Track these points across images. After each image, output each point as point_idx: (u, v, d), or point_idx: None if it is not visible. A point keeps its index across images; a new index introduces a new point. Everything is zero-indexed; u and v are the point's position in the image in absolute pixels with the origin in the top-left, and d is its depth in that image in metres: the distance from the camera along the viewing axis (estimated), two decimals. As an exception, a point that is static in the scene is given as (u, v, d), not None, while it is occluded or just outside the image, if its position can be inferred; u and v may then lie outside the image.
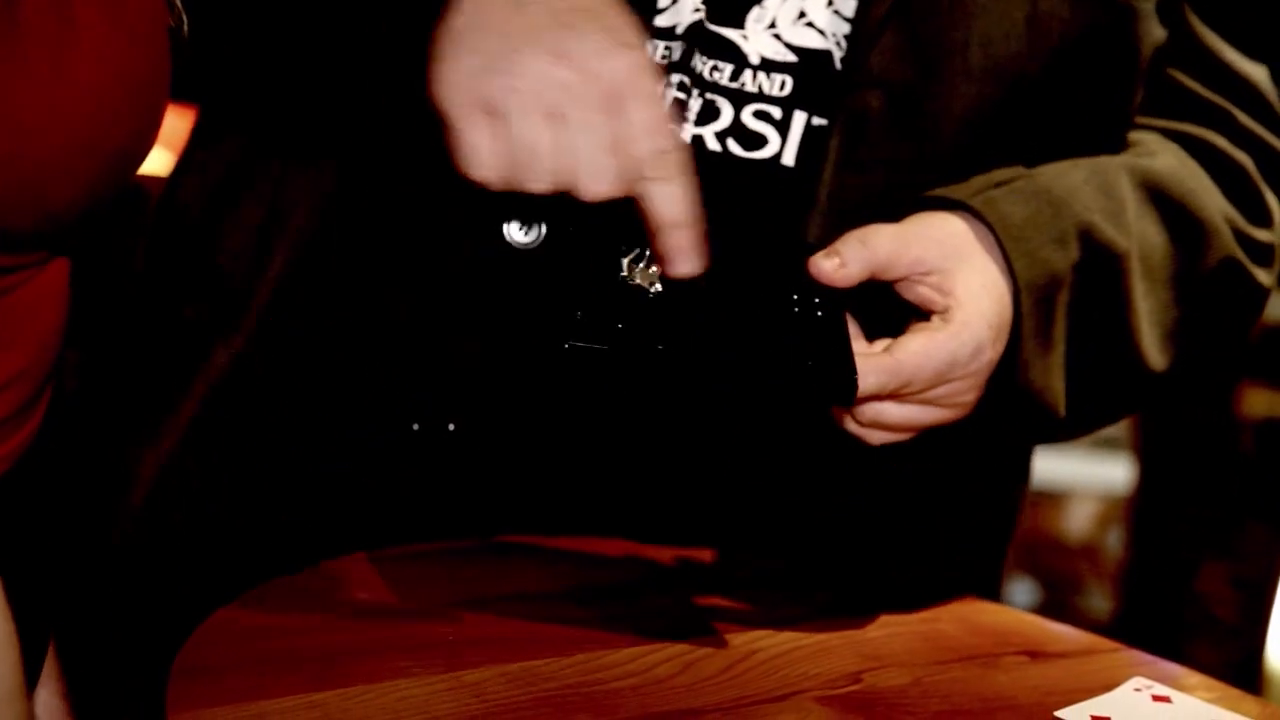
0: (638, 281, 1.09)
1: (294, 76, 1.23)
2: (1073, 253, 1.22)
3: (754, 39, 1.27)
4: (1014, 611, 1.33)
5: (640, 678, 1.06)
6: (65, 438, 1.21)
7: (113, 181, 1.02)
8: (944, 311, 1.16)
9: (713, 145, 1.27)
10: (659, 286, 1.09)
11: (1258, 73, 1.38)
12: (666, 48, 1.27)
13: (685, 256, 1.07)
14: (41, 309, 1.07)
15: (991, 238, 1.19)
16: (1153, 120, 1.37)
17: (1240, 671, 3.09)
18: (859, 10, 1.25)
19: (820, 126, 1.26)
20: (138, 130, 1.02)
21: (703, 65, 1.27)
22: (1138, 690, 1.11)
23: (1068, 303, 1.21)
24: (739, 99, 1.27)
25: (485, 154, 1.05)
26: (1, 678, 0.84)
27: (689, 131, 1.27)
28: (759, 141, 1.27)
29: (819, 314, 1.12)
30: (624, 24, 1.06)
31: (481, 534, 1.21)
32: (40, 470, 1.14)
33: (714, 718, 1.02)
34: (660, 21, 1.28)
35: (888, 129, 1.25)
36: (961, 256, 1.17)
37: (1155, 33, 1.32)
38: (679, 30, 1.27)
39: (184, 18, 1.09)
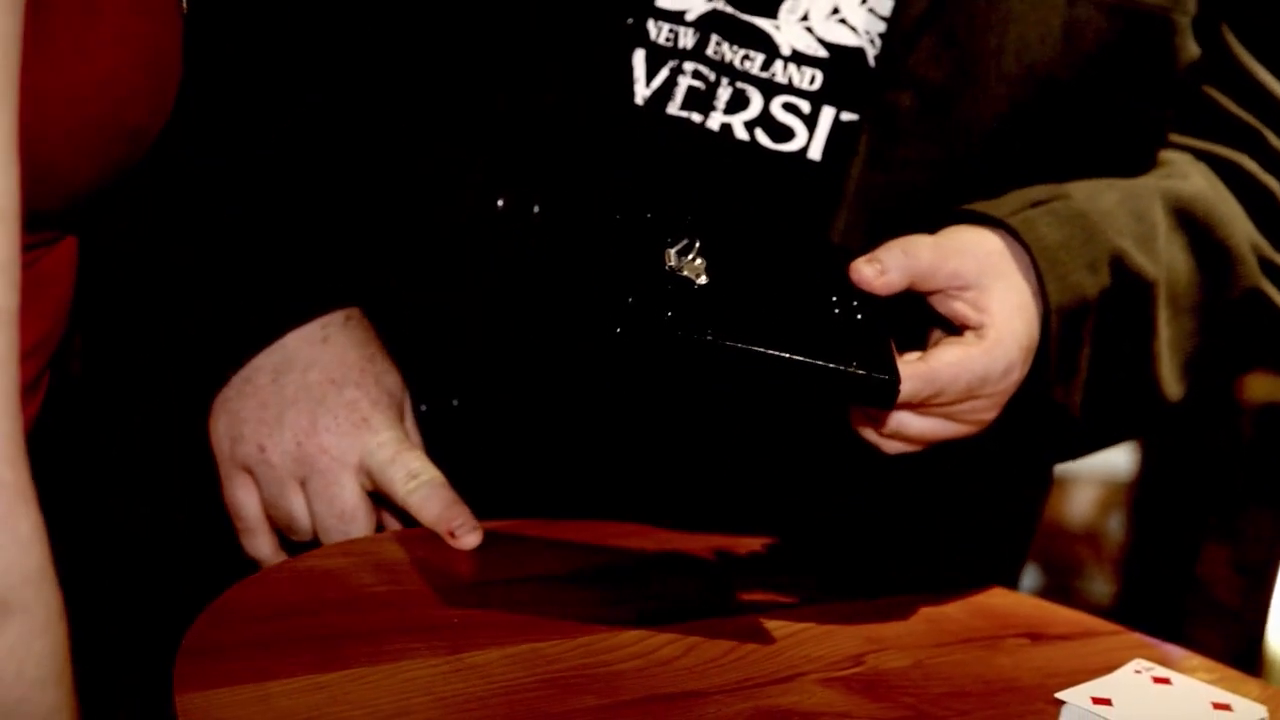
0: (684, 273, 1.09)
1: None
2: (1103, 279, 1.21)
3: (786, 30, 1.27)
4: (1015, 594, 1.33)
5: (644, 659, 1.06)
6: (71, 418, 1.22)
7: (130, 158, 1.02)
8: (978, 328, 1.16)
9: (741, 135, 1.27)
10: (705, 278, 1.10)
11: None
12: (671, 30, 1.27)
13: (463, 535, 1.19)
14: (55, 285, 1.08)
15: (1026, 258, 1.19)
16: (1184, 139, 1.36)
17: (1241, 655, 3.09)
18: (895, 9, 1.25)
19: (849, 123, 1.26)
20: (155, 106, 1.03)
21: (733, 54, 1.26)
22: (1138, 672, 1.11)
23: (1094, 328, 1.21)
24: (769, 89, 1.27)
25: (243, 506, 1.25)
26: (53, 654, 0.85)
27: (717, 120, 1.27)
28: (787, 134, 1.27)
29: (859, 317, 1.12)
30: (365, 395, 1.24)
31: (489, 516, 1.22)
32: (46, 448, 1.14)
33: (718, 699, 1.03)
34: (665, 4, 1.28)
35: (918, 128, 1.25)
36: (998, 274, 1.17)
37: (1190, 48, 1.31)
38: (690, 17, 1.27)
39: None
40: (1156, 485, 3.36)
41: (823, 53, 1.26)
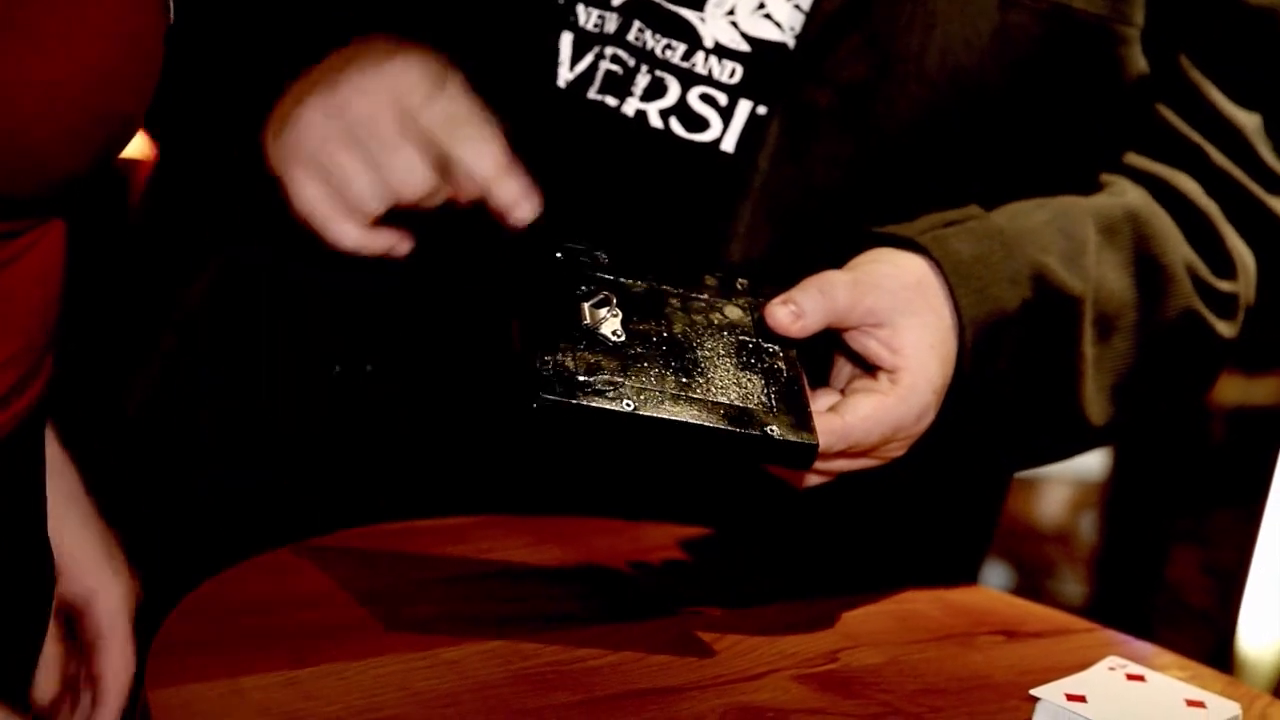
0: (601, 330, 1.08)
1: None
2: (1025, 291, 1.19)
3: (711, 23, 1.26)
4: (990, 591, 1.34)
5: (618, 655, 1.06)
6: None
7: (117, 143, 1.03)
8: (892, 372, 1.13)
9: (655, 122, 1.27)
10: (621, 332, 1.09)
11: (1244, 117, 1.34)
12: (600, 16, 1.27)
13: (518, 204, 1.13)
14: (39, 285, 1.08)
15: (940, 277, 1.16)
16: (1125, 157, 1.33)
17: (1212, 657, 3.10)
18: (813, 3, 1.25)
19: (765, 117, 1.25)
20: (141, 93, 1.03)
21: (655, 42, 1.27)
22: (1112, 669, 1.11)
23: (1014, 342, 1.19)
24: (688, 79, 1.27)
25: (314, 200, 1.16)
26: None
27: (633, 106, 1.27)
28: (701, 124, 1.27)
29: (774, 365, 1.11)
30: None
31: (465, 512, 1.22)
32: (28, 441, 1.14)
33: (692, 695, 1.03)
34: None
35: (833, 125, 1.24)
36: (912, 310, 1.14)
37: (1138, 62, 1.29)
38: (616, 1, 1.27)
39: None
40: (1128, 486, 3.37)
41: (745, 46, 1.26)
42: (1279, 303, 1.39)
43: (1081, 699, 1.05)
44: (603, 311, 1.08)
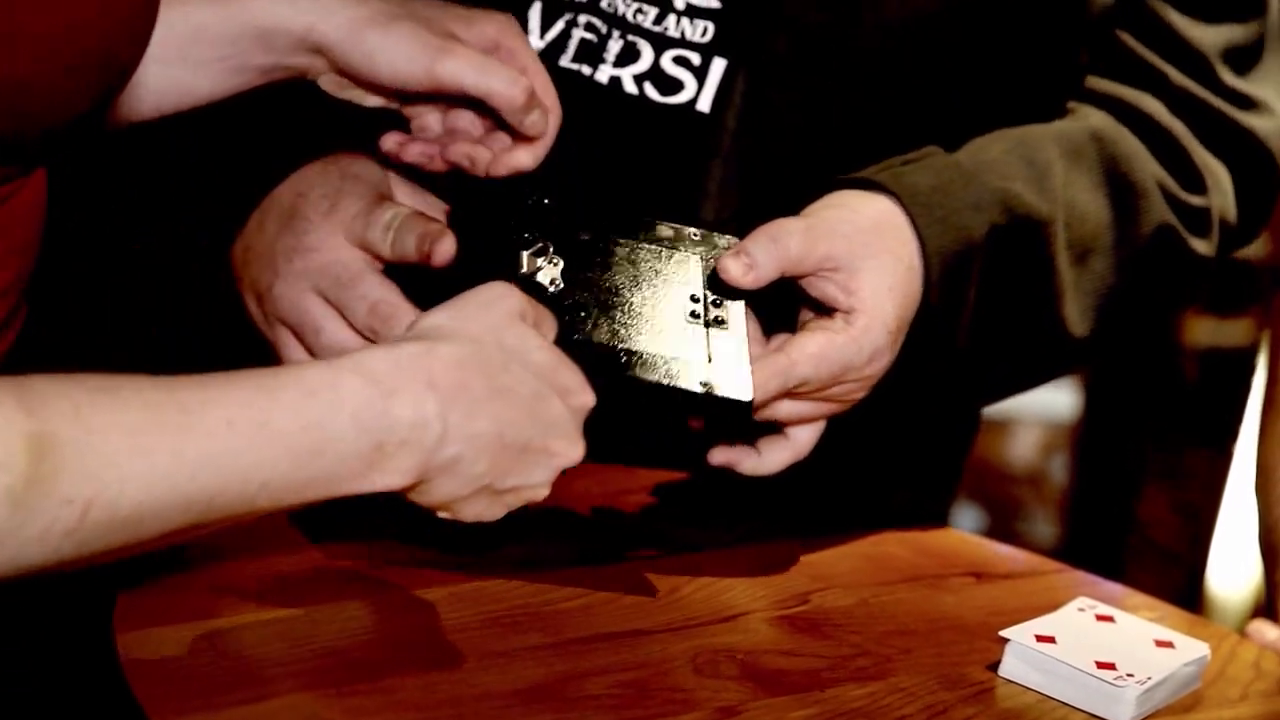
0: (538, 279, 1.07)
1: None
2: (992, 216, 1.18)
3: None
4: (960, 534, 1.34)
5: (589, 598, 1.06)
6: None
7: (114, 89, 1.03)
8: (847, 312, 1.12)
9: (630, 88, 1.26)
10: (560, 282, 1.08)
11: (1205, 40, 1.33)
12: None
13: (437, 248, 1.10)
14: (27, 223, 1.08)
15: (902, 212, 1.15)
16: (1087, 83, 1.33)
17: (1181, 598, 3.11)
18: None
19: (734, 72, 1.25)
20: (139, 40, 1.03)
21: (626, 7, 1.26)
22: (1082, 610, 1.12)
23: (983, 268, 1.18)
24: (661, 43, 1.26)
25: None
26: None
27: (606, 73, 1.26)
28: (676, 87, 1.26)
29: (718, 317, 1.10)
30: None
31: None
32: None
33: (662, 638, 1.03)
34: None
35: (797, 73, 1.24)
36: (870, 254, 1.12)
37: None
38: None
39: None
40: (1099, 428, 3.38)
41: (714, 3, 1.25)
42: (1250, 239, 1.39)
43: (1051, 640, 1.06)
44: (540, 260, 1.08)
